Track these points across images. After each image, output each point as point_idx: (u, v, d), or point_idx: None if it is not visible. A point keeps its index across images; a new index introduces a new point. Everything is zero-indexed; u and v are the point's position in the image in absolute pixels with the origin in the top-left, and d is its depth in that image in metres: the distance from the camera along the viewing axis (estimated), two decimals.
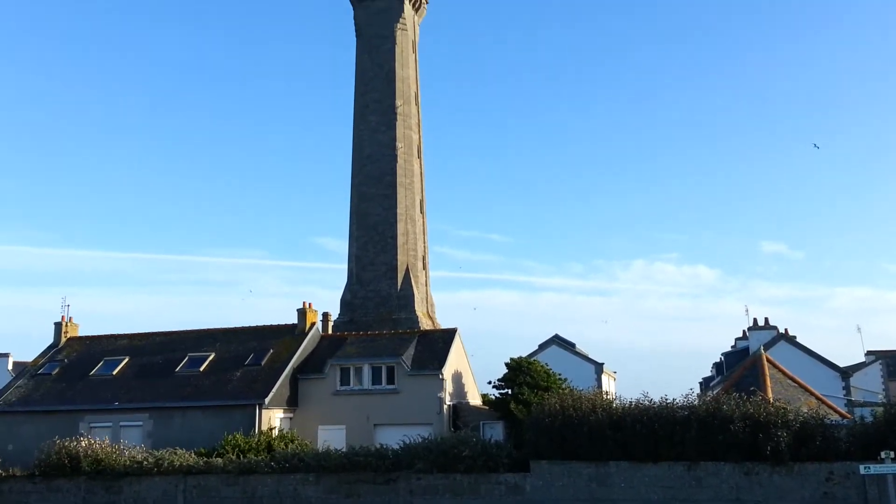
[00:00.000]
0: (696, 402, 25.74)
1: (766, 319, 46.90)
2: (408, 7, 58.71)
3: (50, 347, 42.59)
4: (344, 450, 28.89)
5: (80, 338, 43.11)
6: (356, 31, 58.84)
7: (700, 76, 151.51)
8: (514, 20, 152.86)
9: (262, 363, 37.32)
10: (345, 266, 56.08)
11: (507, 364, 37.80)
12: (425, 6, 62.12)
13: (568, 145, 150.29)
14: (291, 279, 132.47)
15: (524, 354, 43.21)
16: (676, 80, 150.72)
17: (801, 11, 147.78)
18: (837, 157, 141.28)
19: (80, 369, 39.70)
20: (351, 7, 59.14)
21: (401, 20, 57.88)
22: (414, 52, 59.86)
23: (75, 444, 30.35)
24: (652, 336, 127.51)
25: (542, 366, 37.86)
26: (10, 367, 59.17)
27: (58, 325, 43.04)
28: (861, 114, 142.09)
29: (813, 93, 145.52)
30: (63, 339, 42.70)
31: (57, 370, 39.98)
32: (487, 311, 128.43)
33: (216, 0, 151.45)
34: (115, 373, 38.69)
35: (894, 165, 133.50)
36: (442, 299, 59.79)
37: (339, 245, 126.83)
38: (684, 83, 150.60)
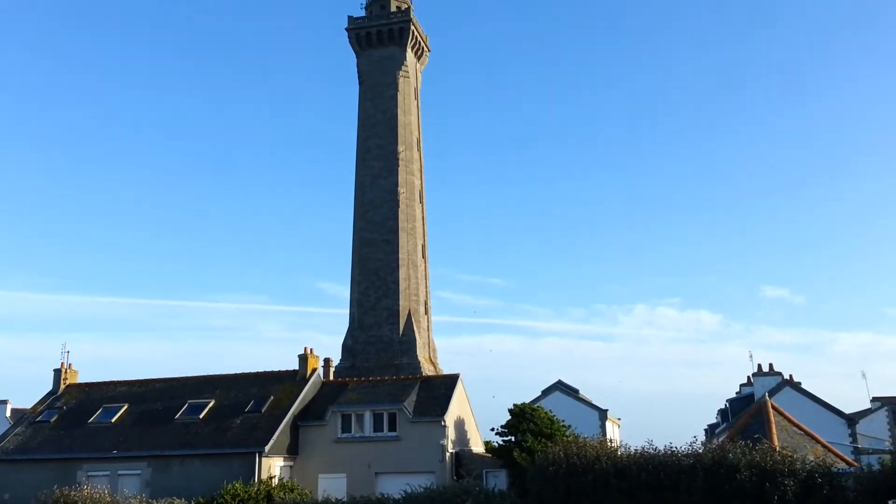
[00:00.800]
0: (701, 451, 25.40)
1: (771, 365, 46.56)
2: (410, 55, 59.61)
3: (49, 394, 42.30)
4: (345, 499, 28.49)
5: (80, 384, 42.83)
6: (359, 78, 59.64)
7: (702, 127, 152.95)
8: (514, 68, 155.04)
9: (263, 410, 36.97)
10: (346, 311, 56.01)
11: (510, 410, 37.44)
12: (427, 54, 63.07)
13: (568, 189, 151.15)
14: (293, 324, 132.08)
15: (527, 400, 42.88)
16: (680, 129, 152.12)
17: (810, 72, 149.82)
18: (837, 204, 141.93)
19: (78, 417, 39.35)
20: (354, 55, 60.11)
21: (403, 67, 58.72)
22: (416, 98, 60.59)
23: (74, 493, 29.92)
24: (656, 381, 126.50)
25: (545, 412, 37.48)
26: (8, 413, 58.71)
27: (57, 372, 42.81)
28: (861, 163, 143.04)
29: (812, 141, 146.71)
30: (62, 386, 42.44)
31: (55, 417, 39.63)
32: (489, 355, 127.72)
33: (217, 46, 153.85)
34: (113, 420, 38.33)
35: (893, 212, 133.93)
36: (443, 344, 59.65)
37: (341, 290, 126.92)
38: (687, 132, 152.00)
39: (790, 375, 47.18)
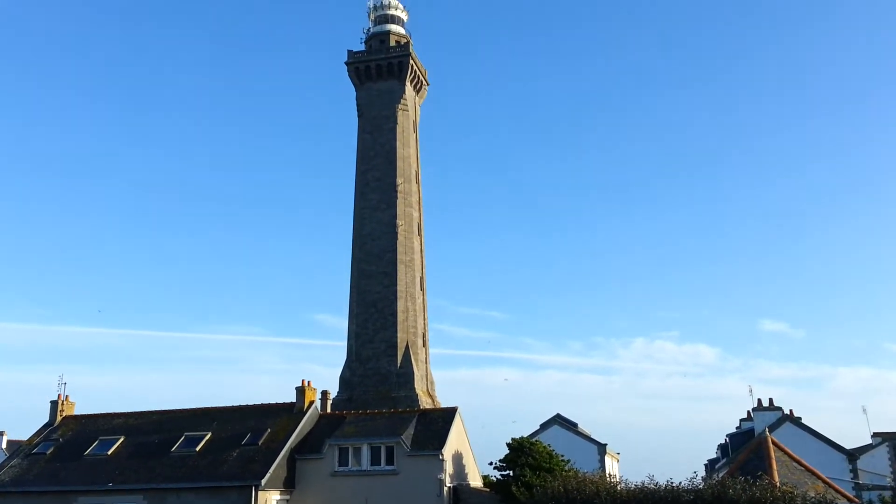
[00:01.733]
0: (701, 486, 25.25)
1: (771, 400, 46.41)
2: (409, 89, 60.21)
3: (45, 426, 42.04)
4: None
5: (76, 416, 42.58)
6: (358, 110, 60.15)
7: (699, 161, 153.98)
8: (513, 102, 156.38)
9: (260, 443, 36.74)
10: (344, 343, 55.91)
11: (508, 444, 37.23)
12: (426, 88, 63.71)
13: (566, 224, 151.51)
14: (289, 356, 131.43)
15: (525, 434, 42.63)
16: (678, 163, 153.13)
17: (811, 102, 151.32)
18: (836, 237, 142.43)
19: (74, 448, 39.06)
20: (353, 88, 60.69)
21: (402, 101, 59.26)
22: (415, 131, 61.09)
23: None
24: (655, 415, 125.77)
25: (544, 446, 37.27)
26: (4, 445, 58.30)
27: (54, 404, 42.59)
28: (860, 197, 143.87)
29: (810, 175, 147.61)
30: (59, 418, 42.19)
31: (51, 449, 39.34)
32: (487, 388, 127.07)
33: (216, 74, 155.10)
34: (109, 452, 38.04)
35: (893, 247, 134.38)
36: (441, 377, 59.42)
37: (338, 322, 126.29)
38: (685, 165, 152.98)
39: (790, 410, 47.01)
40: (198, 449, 36.98)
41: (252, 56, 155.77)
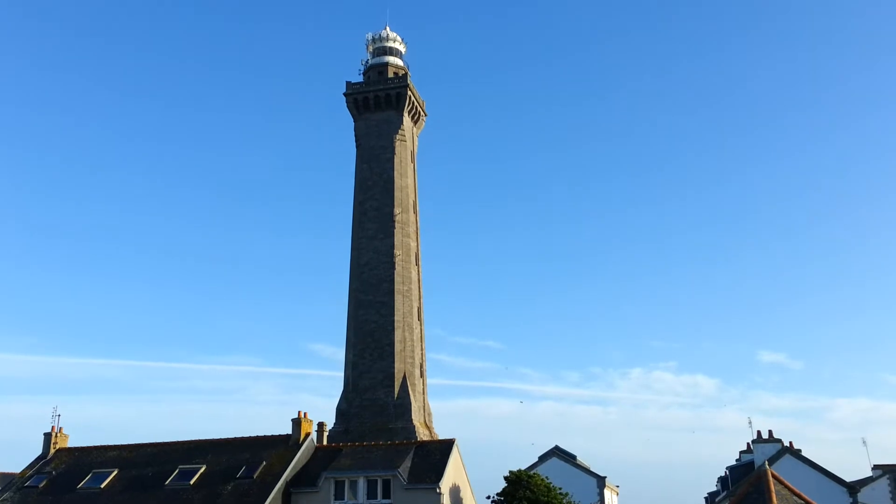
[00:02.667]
0: None
1: (770, 432, 46.06)
2: (407, 119, 60.54)
3: (38, 458, 41.64)
4: None
5: (69, 449, 42.19)
6: (356, 141, 60.44)
7: (697, 190, 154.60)
8: (511, 131, 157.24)
9: (255, 476, 36.37)
10: (340, 373, 55.59)
11: (506, 478, 36.91)
12: (424, 118, 64.08)
13: (563, 253, 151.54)
14: (285, 386, 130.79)
15: (523, 466, 42.22)
16: (676, 193, 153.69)
17: (806, 129, 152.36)
18: (832, 268, 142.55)
19: (68, 482, 38.65)
20: (351, 118, 61.03)
21: (400, 132, 59.55)
22: (412, 162, 61.33)
23: None
24: (654, 447, 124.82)
25: (542, 479, 36.94)
26: None
27: (47, 436, 42.22)
28: (858, 227, 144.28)
29: (809, 205, 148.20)
30: (52, 450, 41.80)
31: (44, 482, 38.92)
32: (485, 420, 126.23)
33: (215, 103, 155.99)
34: (103, 486, 37.65)
35: (892, 277, 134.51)
36: (438, 407, 58.95)
37: (334, 352, 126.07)
38: (682, 196, 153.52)
39: (790, 442, 46.64)
40: (192, 482, 36.61)
41: (251, 86, 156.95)
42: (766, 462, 34.09)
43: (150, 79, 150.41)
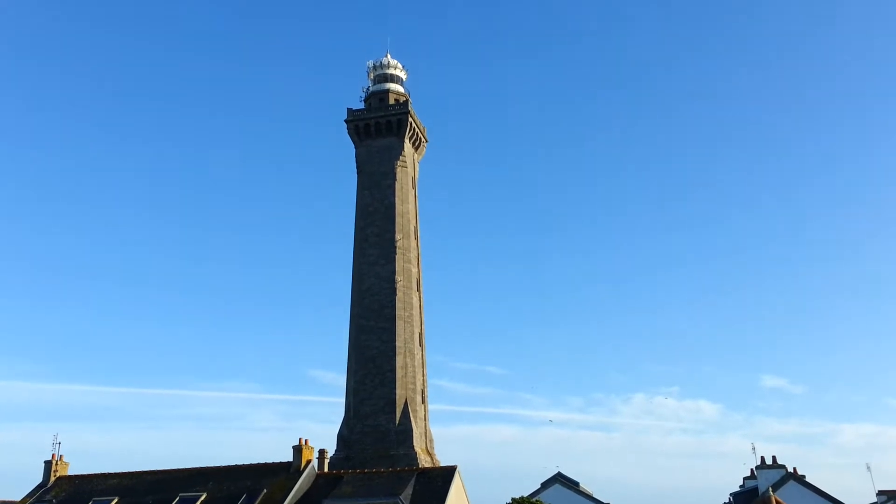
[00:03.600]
0: None
1: (774, 458, 45.74)
2: (408, 146, 60.98)
3: (38, 486, 41.41)
4: None
5: (70, 477, 41.96)
6: (357, 167, 60.83)
7: (698, 212, 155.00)
8: (513, 156, 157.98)
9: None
10: (340, 399, 55.56)
11: None
12: (425, 145, 64.53)
13: (564, 277, 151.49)
14: (285, 413, 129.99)
15: (525, 493, 42.01)
16: (677, 212, 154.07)
17: (806, 151, 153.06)
18: (835, 292, 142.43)
19: None
20: (352, 145, 61.47)
21: (401, 158, 59.96)
22: (414, 187, 61.67)
23: None
24: (658, 473, 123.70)
25: None
26: None
27: (48, 464, 42.00)
28: (861, 248, 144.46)
29: (811, 227, 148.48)
30: (52, 478, 41.56)
31: None
32: (487, 446, 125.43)
33: (213, 128, 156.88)
34: None
35: (893, 301, 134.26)
36: (439, 433, 58.76)
37: (334, 378, 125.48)
38: (684, 216, 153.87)
39: (794, 468, 46.32)
40: None
41: (253, 113, 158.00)
42: (770, 488, 33.91)
43: (147, 116, 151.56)
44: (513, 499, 37.01)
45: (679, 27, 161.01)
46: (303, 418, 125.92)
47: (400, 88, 64.05)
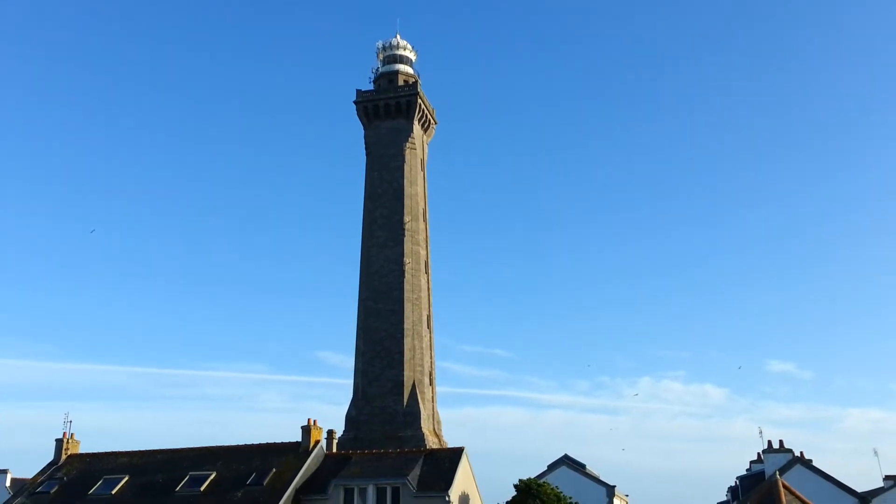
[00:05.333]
0: None
1: (781, 442, 45.82)
2: (417, 127, 60.74)
3: (50, 465, 41.87)
4: None
5: (81, 455, 42.40)
6: (366, 149, 60.66)
7: (707, 199, 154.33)
8: (521, 138, 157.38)
9: (265, 483, 36.49)
10: (347, 381, 55.73)
11: (515, 486, 36.89)
12: (434, 126, 64.28)
13: (571, 261, 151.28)
14: (293, 394, 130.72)
15: (532, 475, 42.16)
16: (686, 200, 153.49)
17: (821, 147, 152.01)
18: (842, 277, 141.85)
19: (79, 488, 38.87)
20: (361, 126, 61.29)
21: (410, 140, 59.74)
22: (422, 170, 61.49)
23: None
24: (664, 457, 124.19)
25: (551, 488, 36.91)
26: (7, 483, 57.70)
27: (59, 442, 42.45)
28: (869, 236, 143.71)
29: (817, 210, 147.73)
30: (63, 456, 42.02)
31: (56, 489, 39.15)
32: (493, 428, 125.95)
33: (223, 114, 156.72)
34: (114, 492, 37.85)
35: None
36: (446, 415, 58.92)
37: (341, 360, 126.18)
38: (692, 203, 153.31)
39: (801, 452, 46.39)
40: (202, 489, 36.78)
41: (261, 95, 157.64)
42: (777, 472, 33.97)
43: (154, 103, 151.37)
44: (520, 480, 37.13)
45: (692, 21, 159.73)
46: (310, 399, 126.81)
47: (409, 69, 63.71)
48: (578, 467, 60.92)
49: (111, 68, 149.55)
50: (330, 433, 43.14)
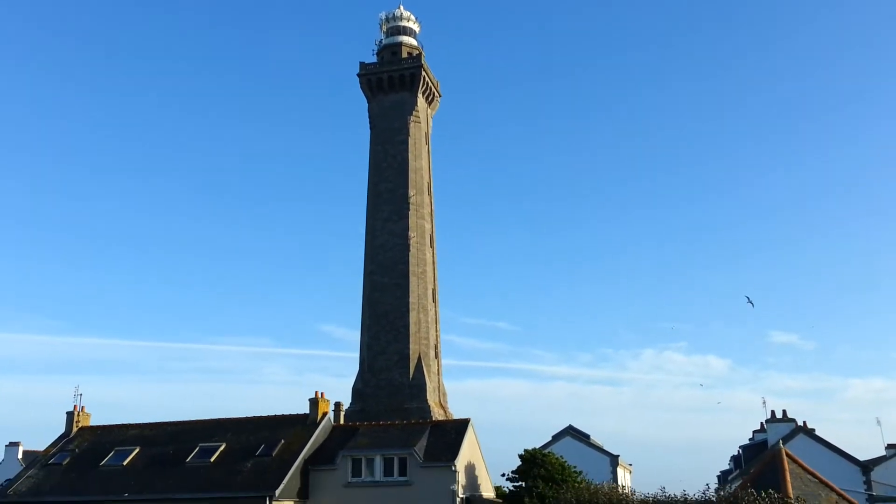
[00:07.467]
0: (714, 498, 25.29)
1: (784, 412, 46.30)
2: (421, 100, 60.49)
3: (61, 437, 42.44)
4: None
5: (92, 427, 42.96)
6: (370, 123, 60.48)
7: (710, 173, 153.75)
8: (525, 111, 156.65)
9: (273, 454, 36.97)
10: (351, 354, 56.28)
11: (520, 456, 37.35)
12: (438, 99, 64.00)
13: (574, 235, 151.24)
14: (297, 367, 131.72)
15: (537, 446, 42.68)
16: (689, 174, 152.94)
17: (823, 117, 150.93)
18: (844, 247, 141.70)
19: (90, 459, 39.43)
20: (365, 100, 61.06)
21: (414, 113, 59.53)
22: (427, 143, 61.32)
23: None
24: (667, 427, 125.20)
25: (556, 458, 37.36)
26: (20, 455, 58.74)
27: (70, 415, 42.97)
28: (871, 205, 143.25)
29: (822, 184, 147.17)
30: (75, 429, 42.58)
31: (68, 460, 39.72)
32: (498, 400, 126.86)
33: (226, 87, 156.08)
34: (125, 463, 38.39)
35: None
36: (451, 388, 59.40)
37: (345, 333, 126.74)
38: (695, 177, 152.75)
39: (804, 422, 46.84)
40: (212, 460, 37.27)
41: (264, 68, 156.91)
42: (781, 441, 34.32)
43: (156, 75, 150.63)
44: (525, 450, 37.60)
45: None
46: (315, 372, 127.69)
47: (413, 41, 63.30)
48: (583, 438, 61.59)
49: (109, 38, 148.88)
50: (337, 405, 43.65)
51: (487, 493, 40.15)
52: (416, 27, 64.43)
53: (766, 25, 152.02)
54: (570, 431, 61.32)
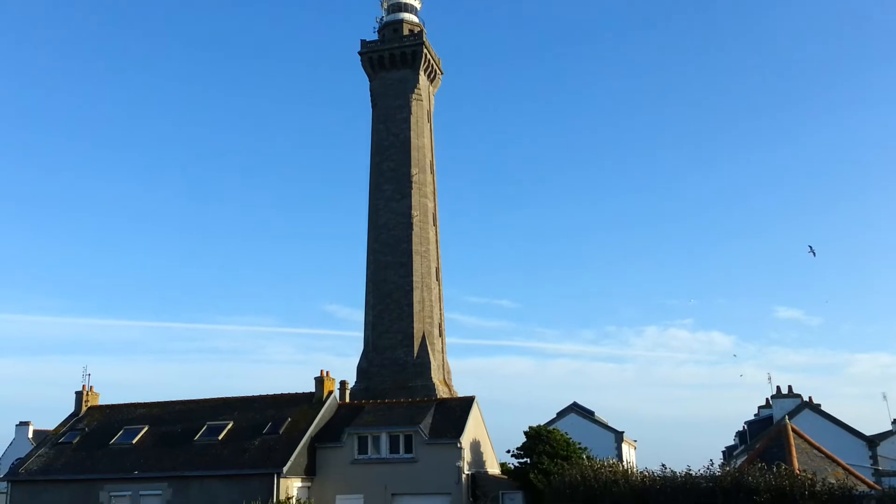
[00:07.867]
0: (719, 473, 25.36)
1: (790, 387, 46.40)
2: (423, 78, 60.14)
3: (71, 416, 42.80)
4: None
5: (101, 406, 43.31)
6: (372, 101, 60.18)
7: (715, 147, 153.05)
8: (527, 88, 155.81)
9: (280, 432, 37.27)
10: (356, 333, 56.39)
11: (525, 433, 37.49)
12: (440, 77, 63.64)
13: (575, 212, 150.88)
14: (301, 346, 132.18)
15: (542, 423, 42.86)
16: (693, 149, 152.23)
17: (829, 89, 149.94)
18: (849, 224, 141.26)
19: (100, 438, 39.80)
20: (367, 78, 60.75)
21: (416, 91, 59.20)
22: (429, 121, 61.05)
23: None
24: (671, 404, 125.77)
25: (561, 434, 37.51)
26: (30, 435, 59.31)
27: (79, 394, 43.33)
28: (878, 182, 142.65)
29: (826, 161, 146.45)
30: (84, 408, 42.94)
31: (77, 439, 40.09)
32: (501, 378, 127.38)
33: (228, 67, 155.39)
34: (134, 441, 38.74)
35: None
36: (456, 366, 59.64)
37: (349, 312, 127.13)
38: (700, 152, 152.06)
39: (809, 397, 46.96)
40: (220, 438, 37.60)
41: (265, 47, 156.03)
42: (787, 416, 34.43)
43: (159, 53, 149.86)
44: (530, 427, 37.74)
45: None
46: (319, 351, 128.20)
47: (414, 18, 62.82)
48: (587, 414, 61.88)
49: (112, 10, 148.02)
50: (343, 384, 43.84)
51: (493, 469, 40.44)
52: (417, 4, 63.91)
53: None
54: (575, 408, 61.61)
